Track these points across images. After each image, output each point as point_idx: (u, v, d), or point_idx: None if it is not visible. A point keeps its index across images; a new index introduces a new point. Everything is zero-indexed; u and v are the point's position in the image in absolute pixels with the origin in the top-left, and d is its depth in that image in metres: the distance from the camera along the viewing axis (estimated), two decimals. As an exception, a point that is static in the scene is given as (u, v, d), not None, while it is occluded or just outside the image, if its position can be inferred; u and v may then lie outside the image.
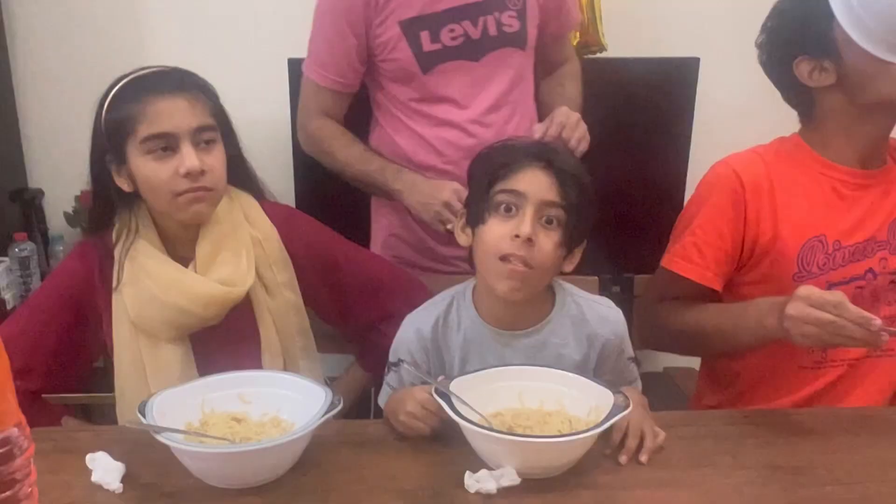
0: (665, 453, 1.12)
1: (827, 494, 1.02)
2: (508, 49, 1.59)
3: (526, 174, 1.15)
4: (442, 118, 1.59)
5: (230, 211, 1.33)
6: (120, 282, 1.28)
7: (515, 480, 1.01)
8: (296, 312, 1.39)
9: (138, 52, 2.48)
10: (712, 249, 1.32)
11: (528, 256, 1.13)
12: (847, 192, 1.32)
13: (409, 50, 1.54)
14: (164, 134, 1.20)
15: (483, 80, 1.58)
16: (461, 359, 1.25)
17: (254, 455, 1.00)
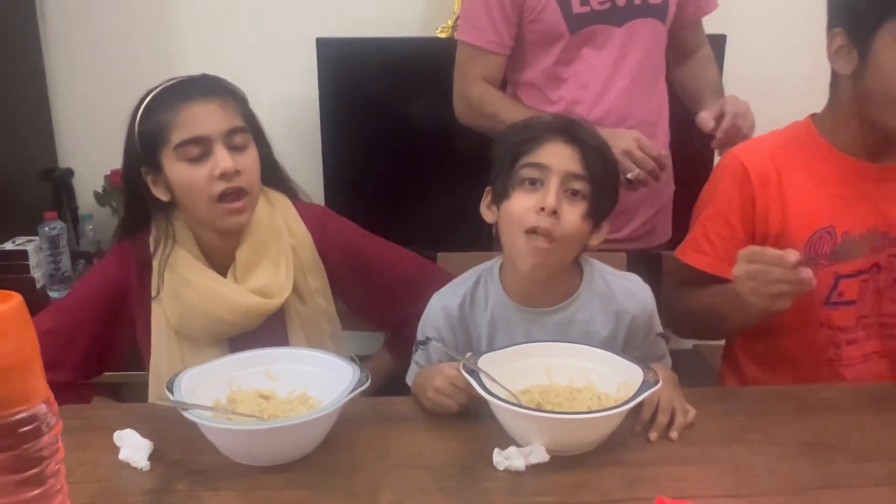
0: (695, 430, 1.10)
1: (860, 471, 1.00)
2: (649, 19, 1.63)
3: (549, 147, 1.15)
4: (580, 81, 1.64)
5: (271, 215, 1.34)
6: (159, 291, 1.30)
7: (544, 457, 1.01)
8: (327, 319, 1.40)
9: (166, 32, 2.49)
10: (722, 240, 1.33)
11: (554, 229, 1.12)
12: (857, 184, 1.28)
13: (559, 11, 1.59)
14: (197, 138, 1.21)
15: (622, 45, 1.63)
16: (488, 336, 1.24)
17: (281, 432, 1.00)
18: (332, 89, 2.32)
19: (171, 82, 1.28)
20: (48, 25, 2.48)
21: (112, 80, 2.49)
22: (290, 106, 2.39)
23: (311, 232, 1.37)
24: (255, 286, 1.30)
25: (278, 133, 1.40)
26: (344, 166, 2.36)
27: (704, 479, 1.00)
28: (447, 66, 2.35)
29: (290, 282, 1.33)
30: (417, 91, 2.30)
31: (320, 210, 1.46)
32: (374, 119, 2.33)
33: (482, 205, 1.25)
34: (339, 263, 1.39)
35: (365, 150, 2.35)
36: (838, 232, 1.29)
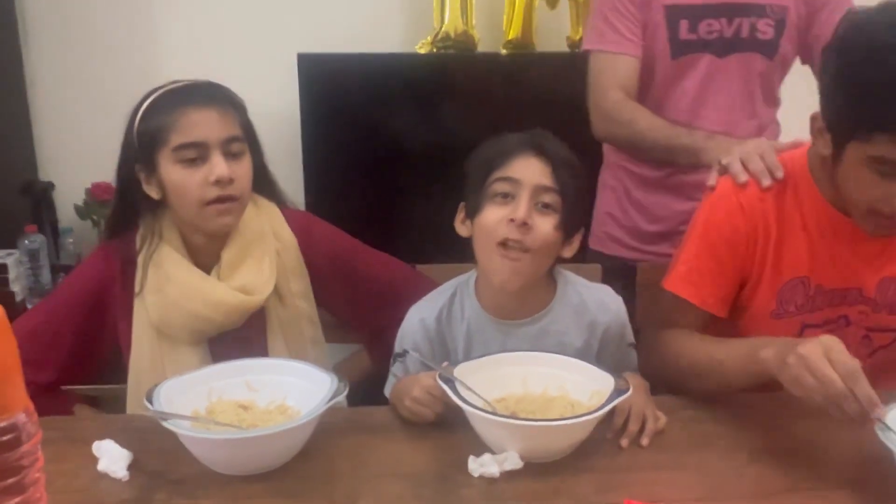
0: (665, 436, 1.13)
1: (822, 475, 1.03)
2: (755, 54, 1.62)
3: (520, 161, 1.17)
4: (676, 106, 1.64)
5: (258, 219, 1.36)
6: (143, 287, 1.31)
7: (518, 464, 1.03)
8: (309, 323, 1.42)
9: (148, 46, 2.51)
10: (712, 275, 1.28)
11: (525, 240, 1.15)
12: (837, 237, 1.25)
13: (665, 35, 1.60)
14: (195, 143, 1.24)
15: (718, 76, 1.63)
16: (465, 348, 1.27)
17: (260, 441, 1.01)
18: (313, 104, 2.35)
19: (176, 85, 1.30)
20: (29, 39, 2.50)
21: (93, 94, 2.50)
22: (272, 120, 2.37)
23: (296, 236, 1.39)
24: (238, 284, 1.32)
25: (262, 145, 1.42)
26: (325, 180, 2.38)
27: (674, 484, 1.02)
28: (427, 81, 2.40)
29: (273, 281, 1.34)
30: (397, 106, 2.33)
31: (306, 216, 1.48)
32: (354, 133, 2.36)
33: (456, 220, 1.26)
34: (324, 268, 1.41)
35: (345, 164, 2.38)
36: (812, 283, 1.27)
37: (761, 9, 1.59)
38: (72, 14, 2.48)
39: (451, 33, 2.32)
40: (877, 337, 1.31)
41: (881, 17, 1.08)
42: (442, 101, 2.34)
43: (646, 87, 1.66)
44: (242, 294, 1.31)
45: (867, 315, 1.29)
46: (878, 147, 1.07)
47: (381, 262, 1.47)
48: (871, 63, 1.06)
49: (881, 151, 1.08)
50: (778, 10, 1.60)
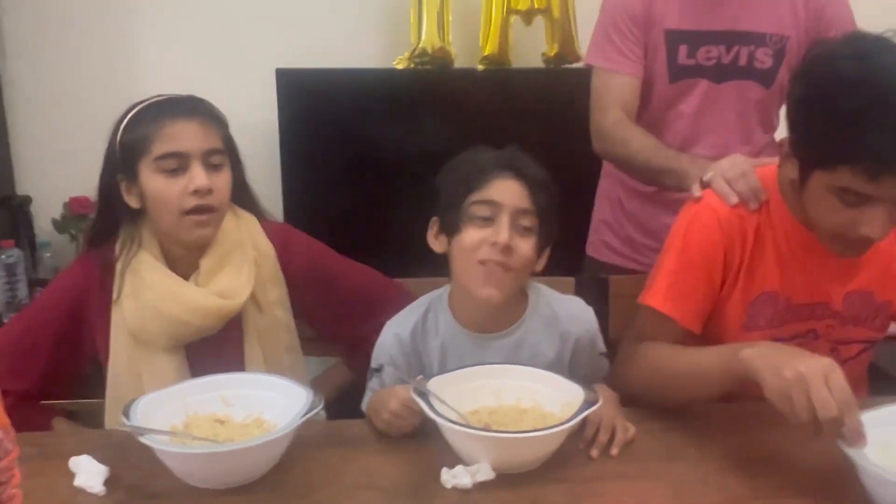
0: (635, 447, 1.16)
1: (786, 482, 1.06)
2: (752, 82, 1.65)
3: (498, 184, 1.20)
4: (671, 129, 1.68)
5: (237, 228, 1.39)
6: (120, 294, 1.33)
7: (490, 475, 1.05)
8: (286, 331, 1.43)
9: (127, 61, 2.52)
10: (693, 291, 1.29)
11: (508, 261, 1.18)
12: (805, 253, 1.27)
13: (664, 59, 1.63)
14: (177, 153, 1.26)
15: (719, 103, 1.65)
16: (440, 362, 1.29)
17: (235, 455, 1.03)
18: (291, 118, 2.37)
19: (160, 98, 1.33)
20: (6, 54, 2.50)
21: (71, 109, 2.51)
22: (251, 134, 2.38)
23: (274, 247, 1.41)
24: (216, 289, 1.33)
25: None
26: (303, 193, 2.40)
27: (643, 493, 1.05)
28: (404, 96, 2.42)
29: (250, 287, 1.36)
30: (375, 120, 2.36)
31: (285, 227, 1.50)
32: (332, 148, 2.38)
33: (429, 235, 1.28)
34: (301, 278, 1.43)
35: (323, 178, 2.40)
36: (781, 298, 1.29)
37: (761, 38, 1.62)
38: (50, 29, 2.49)
39: (428, 49, 2.34)
40: (843, 349, 1.34)
41: (846, 51, 1.10)
42: (419, 116, 2.36)
43: (644, 106, 1.69)
44: (220, 298, 1.33)
45: (834, 328, 1.32)
46: (842, 178, 1.09)
47: (357, 273, 1.49)
48: (836, 95, 1.07)
49: (845, 182, 1.09)
50: (778, 39, 1.62)
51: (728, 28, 1.61)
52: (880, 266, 1.29)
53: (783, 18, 1.62)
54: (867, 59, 1.06)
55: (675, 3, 1.62)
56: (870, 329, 1.33)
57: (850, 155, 1.07)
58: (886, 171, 1.06)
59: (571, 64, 2.41)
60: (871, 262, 1.28)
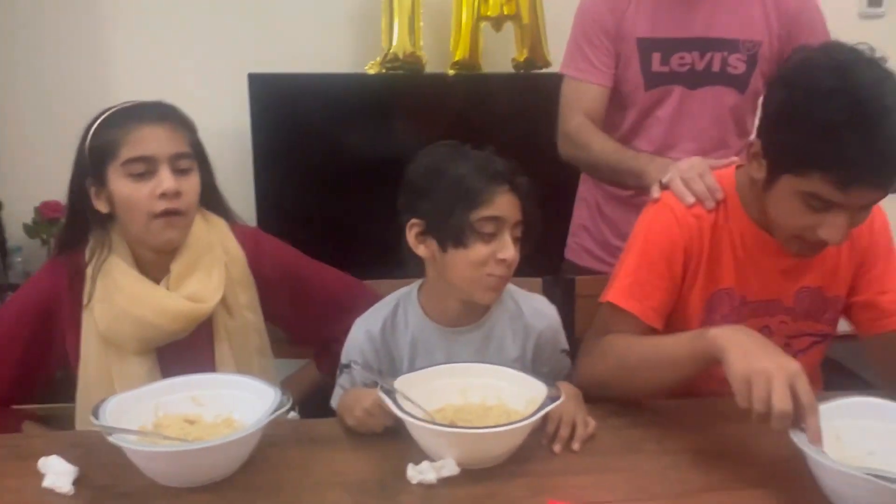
0: (597, 441, 1.19)
1: (741, 475, 1.09)
2: (726, 88, 1.68)
3: (501, 199, 1.22)
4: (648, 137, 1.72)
5: (207, 232, 1.40)
6: (91, 298, 1.34)
7: (455, 471, 1.07)
8: (256, 333, 1.45)
9: (99, 66, 2.52)
10: (654, 288, 1.32)
11: (509, 273, 1.24)
12: (761, 253, 1.32)
13: (638, 67, 1.67)
14: (144, 157, 1.28)
15: (693, 109, 1.68)
16: (410, 356, 1.32)
17: (203, 454, 1.04)
18: (264, 123, 2.38)
19: (128, 104, 1.34)
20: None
21: (43, 113, 2.51)
22: (224, 139, 2.43)
23: (244, 250, 1.43)
24: (187, 293, 1.35)
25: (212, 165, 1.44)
26: (276, 197, 2.42)
27: (602, 486, 1.08)
28: (376, 101, 2.45)
29: (221, 291, 1.38)
30: (347, 125, 2.38)
31: (254, 231, 1.52)
32: (305, 152, 2.41)
33: (409, 237, 1.28)
34: (271, 280, 1.45)
35: (296, 182, 2.42)
36: (737, 295, 1.33)
37: (734, 44, 1.65)
38: (21, 33, 2.49)
39: (399, 54, 2.37)
40: (795, 342, 1.39)
41: (825, 60, 1.13)
42: (391, 121, 2.39)
43: (623, 114, 1.73)
44: (191, 302, 1.34)
45: (787, 324, 1.37)
46: (812, 184, 1.13)
47: (326, 275, 1.52)
48: (813, 105, 1.10)
49: (814, 188, 1.13)
50: (751, 45, 1.65)
51: (700, 35, 1.65)
52: (829, 263, 1.34)
53: (755, 24, 1.65)
54: (845, 71, 1.10)
55: (647, 11, 1.65)
56: (821, 323, 1.38)
57: (824, 164, 1.10)
58: (856, 181, 1.10)
59: (541, 69, 2.45)
60: (821, 260, 1.32)
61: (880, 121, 1.07)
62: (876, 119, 1.07)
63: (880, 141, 1.07)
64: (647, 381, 1.26)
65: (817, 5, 1.68)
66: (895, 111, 1.07)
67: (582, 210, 1.91)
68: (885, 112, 1.07)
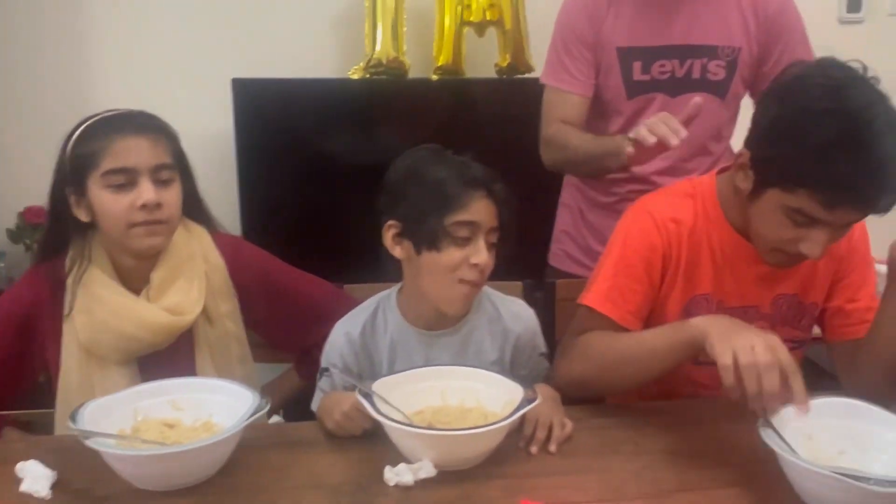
0: (573, 443, 1.20)
1: (715, 475, 1.11)
2: (706, 94, 1.66)
3: (476, 204, 1.24)
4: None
5: (188, 242, 1.41)
6: (72, 309, 1.34)
7: (432, 472, 1.08)
8: (237, 342, 1.46)
9: (81, 71, 2.52)
10: (632, 293, 1.33)
11: (482, 279, 1.24)
12: (739, 260, 1.33)
13: (619, 76, 1.68)
14: (125, 169, 1.28)
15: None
16: (389, 359, 1.33)
17: (180, 457, 1.05)
18: (247, 128, 2.39)
19: (110, 113, 1.34)
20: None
21: (26, 118, 2.50)
22: (207, 144, 2.43)
23: (224, 258, 1.44)
24: (167, 305, 1.35)
25: (196, 170, 1.45)
26: (260, 203, 2.42)
27: (578, 487, 1.09)
28: (360, 106, 2.46)
29: (201, 303, 1.38)
30: (331, 130, 2.39)
31: (235, 239, 1.53)
32: (289, 157, 2.41)
33: (386, 238, 1.30)
34: (251, 289, 1.45)
35: (280, 187, 2.42)
36: (714, 300, 1.34)
37: (713, 50, 1.66)
38: (2, 38, 2.48)
39: (382, 60, 2.38)
40: None
41: (820, 79, 1.13)
42: (374, 126, 2.40)
43: (607, 123, 1.74)
44: (171, 315, 1.35)
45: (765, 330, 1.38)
46: (798, 200, 1.14)
47: (306, 283, 1.52)
48: (806, 124, 1.11)
49: (800, 205, 1.14)
50: (730, 51, 1.67)
51: (680, 42, 1.66)
52: (806, 270, 1.35)
53: (734, 30, 1.66)
54: (838, 92, 1.11)
55: (626, 21, 1.66)
56: (798, 329, 1.39)
57: (812, 183, 1.12)
58: (844, 202, 1.12)
59: (524, 74, 2.47)
60: (798, 267, 1.33)
61: (871, 144, 1.08)
62: (866, 142, 1.08)
63: (869, 164, 1.09)
64: (628, 377, 1.28)
65: (796, 10, 1.70)
66: (886, 135, 1.09)
67: (564, 216, 1.92)
68: (875, 135, 1.08)
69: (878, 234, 1.39)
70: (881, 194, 1.11)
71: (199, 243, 1.43)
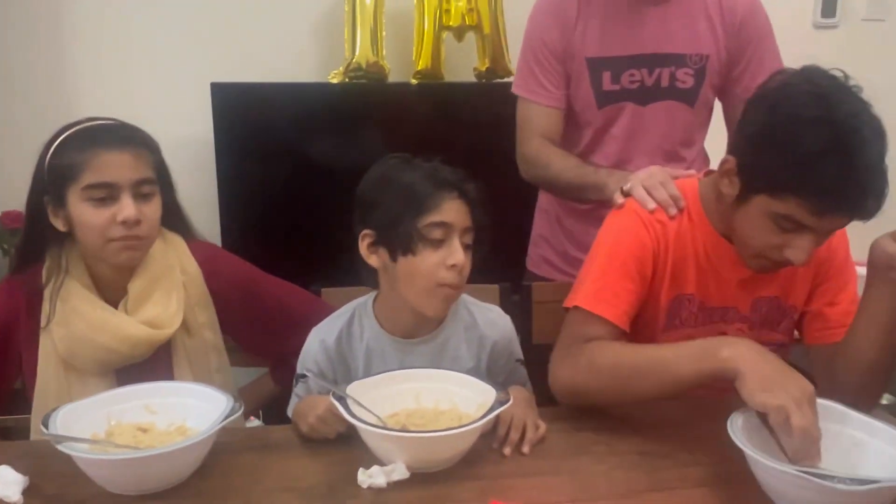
0: (546, 444, 1.21)
1: (685, 475, 1.12)
2: (675, 102, 1.69)
3: (448, 205, 1.24)
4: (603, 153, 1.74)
5: (165, 253, 1.40)
6: (50, 321, 1.33)
7: (405, 474, 1.09)
8: (215, 352, 1.46)
9: (60, 75, 2.50)
10: (626, 292, 1.32)
11: (461, 282, 1.24)
12: (721, 262, 1.34)
13: (589, 86, 1.68)
14: (106, 184, 1.27)
15: (645, 125, 1.70)
16: (364, 366, 1.33)
17: (153, 461, 1.05)
18: (227, 133, 2.38)
19: (91, 124, 1.33)
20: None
21: (3, 123, 2.48)
22: (186, 149, 2.43)
23: (201, 268, 1.44)
24: (145, 318, 1.35)
25: (175, 175, 1.45)
26: (239, 208, 2.42)
27: (550, 487, 1.10)
28: (339, 110, 2.46)
29: (180, 315, 1.38)
30: (311, 134, 2.39)
31: (212, 248, 1.53)
32: (269, 161, 2.40)
33: (362, 248, 1.30)
34: (228, 297, 1.45)
35: (260, 192, 2.42)
36: (696, 300, 1.36)
37: (681, 59, 1.67)
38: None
39: (362, 64, 2.38)
40: None
41: (807, 87, 1.14)
42: (354, 130, 2.40)
43: (579, 132, 1.75)
44: (150, 328, 1.35)
45: (744, 332, 1.39)
46: (786, 207, 1.15)
47: (284, 290, 1.52)
48: (796, 132, 1.12)
49: (788, 211, 1.15)
50: (698, 59, 1.67)
51: (649, 51, 1.66)
52: (787, 274, 1.36)
53: (701, 38, 1.67)
54: (826, 100, 1.12)
55: (594, 32, 1.67)
56: (777, 332, 1.41)
57: (801, 190, 1.13)
58: (833, 209, 1.13)
59: (503, 78, 2.48)
60: (779, 271, 1.34)
61: (858, 151, 1.10)
62: (855, 149, 1.10)
63: (857, 171, 1.10)
64: (640, 393, 1.23)
65: (764, 14, 1.71)
66: (871, 142, 1.11)
67: (542, 221, 1.93)
68: (863, 143, 1.10)
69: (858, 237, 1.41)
70: (867, 200, 1.12)
71: (176, 253, 1.43)
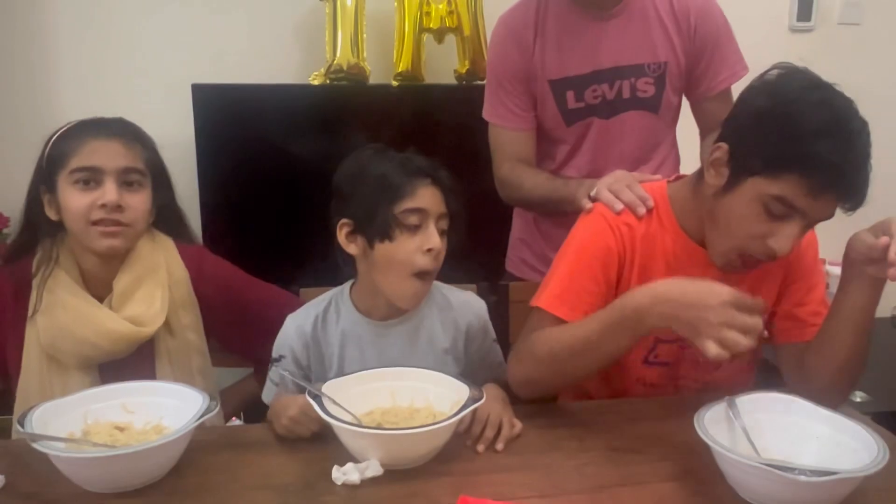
0: (521, 441, 1.23)
1: (655, 470, 1.14)
2: (639, 111, 1.71)
3: (423, 191, 1.27)
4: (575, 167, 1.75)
5: (152, 251, 1.43)
6: (36, 311, 1.35)
7: (379, 471, 1.10)
8: (197, 354, 1.47)
9: (43, 77, 2.49)
10: (589, 295, 1.33)
11: (437, 266, 1.27)
12: (691, 264, 1.34)
13: (555, 106, 1.70)
14: (91, 168, 1.32)
15: (612, 137, 1.72)
16: (339, 350, 1.36)
17: (128, 459, 1.06)
18: (207, 134, 2.38)
19: (90, 118, 1.39)
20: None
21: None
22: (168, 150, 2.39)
23: (188, 270, 1.46)
24: (128, 315, 1.37)
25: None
26: (221, 209, 2.42)
27: (522, 483, 1.11)
28: (320, 112, 2.47)
29: (164, 314, 1.40)
30: (292, 135, 2.39)
31: (199, 250, 1.54)
32: (250, 163, 2.41)
33: (340, 237, 1.32)
34: (214, 300, 1.47)
35: (242, 193, 2.42)
36: None
37: (640, 69, 1.68)
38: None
39: (343, 65, 2.40)
40: None
41: (807, 77, 1.19)
42: (335, 131, 2.41)
43: (555, 148, 1.77)
44: (132, 325, 1.36)
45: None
46: (783, 186, 1.16)
47: (269, 294, 1.54)
48: (800, 111, 1.14)
49: (782, 192, 1.16)
50: (656, 67, 1.69)
51: (606, 66, 1.67)
52: (756, 274, 1.37)
53: (657, 46, 1.68)
54: (825, 89, 1.17)
55: (553, 53, 1.68)
56: None
57: (802, 165, 1.14)
58: (829, 187, 1.14)
59: (483, 80, 2.48)
60: (749, 272, 1.34)
61: (856, 136, 1.14)
62: (853, 133, 1.14)
63: (855, 152, 1.14)
64: (579, 367, 1.27)
65: (719, 12, 1.71)
66: (863, 134, 1.15)
67: (519, 223, 1.95)
68: (858, 130, 1.15)
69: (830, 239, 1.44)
70: (862, 185, 1.15)
71: (164, 255, 1.44)
